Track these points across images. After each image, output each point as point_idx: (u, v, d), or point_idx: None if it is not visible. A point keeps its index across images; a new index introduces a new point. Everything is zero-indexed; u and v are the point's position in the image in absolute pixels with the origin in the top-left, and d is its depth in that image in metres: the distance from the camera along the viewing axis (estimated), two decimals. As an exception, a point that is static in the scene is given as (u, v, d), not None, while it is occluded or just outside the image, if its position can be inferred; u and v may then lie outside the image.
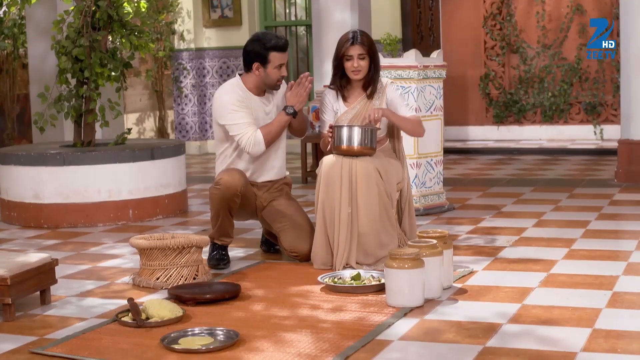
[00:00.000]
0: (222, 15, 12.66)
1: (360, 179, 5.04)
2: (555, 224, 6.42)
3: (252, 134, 5.26)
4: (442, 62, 7.20)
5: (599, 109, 12.38)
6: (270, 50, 5.30)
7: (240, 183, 5.26)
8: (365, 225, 5.04)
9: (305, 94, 5.36)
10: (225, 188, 5.23)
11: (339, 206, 5.06)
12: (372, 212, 5.04)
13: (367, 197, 5.03)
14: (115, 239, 6.42)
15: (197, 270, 4.96)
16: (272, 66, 5.32)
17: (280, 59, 5.32)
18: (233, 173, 5.30)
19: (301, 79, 5.34)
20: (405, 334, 3.90)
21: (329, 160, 5.15)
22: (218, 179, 5.29)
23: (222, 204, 5.27)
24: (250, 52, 5.36)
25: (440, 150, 7.23)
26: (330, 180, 5.08)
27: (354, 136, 5.11)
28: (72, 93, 7.44)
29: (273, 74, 5.34)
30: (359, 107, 5.37)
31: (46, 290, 4.61)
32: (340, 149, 5.14)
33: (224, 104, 5.32)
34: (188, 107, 12.87)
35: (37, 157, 7.06)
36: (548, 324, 3.97)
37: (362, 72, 5.31)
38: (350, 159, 5.10)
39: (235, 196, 5.25)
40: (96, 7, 7.29)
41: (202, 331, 3.95)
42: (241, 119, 5.28)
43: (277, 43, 5.31)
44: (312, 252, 5.22)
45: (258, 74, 5.35)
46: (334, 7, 9.53)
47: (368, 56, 5.30)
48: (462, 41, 12.94)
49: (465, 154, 11.73)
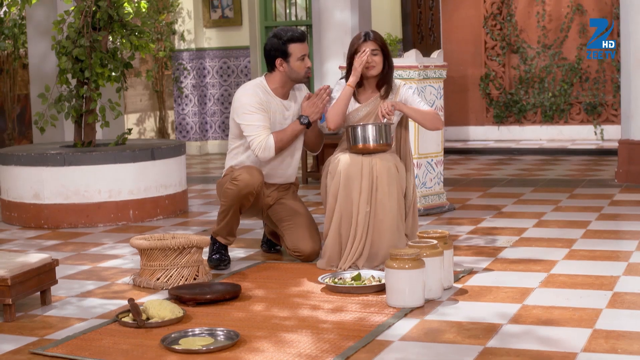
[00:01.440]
0: (222, 15, 12.67)
1: (381, 176, 5.04)
2: (555, 224, 6.42)
3: (264, 138, 5.24)
4: (443, 62, 7.20)
5: (599, 109, 12.38)
6: (288, 42, 5.30)
7: (258, 181, 5.23)
8: (383, 222, 5.04)
9: (322, 105, 5.31)
10: (243, 185, 5.20)
11: (357, 204, 5.06)
12: (391, 208, 5.05)
13: (387, 194, 5.04)
14: (115, 240, 6.42)
15: (197, 271, 4.96)
16: (294, 58, 5.30)
17: (301, 50, 5.31)
18: (252, 171, 5.26)
19: (320, 91, 5.33)
20: (406, 335, 3.90)
21: (347, 158, 5.12)
22: (237, 175, 5.23)
23: (235, 201, 5.24)
24: (270, 49, 5.35)
25: (440, 151, 7.23)
26: (350, 178, 5.07)
27: (368, 134, 5.11)
28: (72, 93, 7.44)
29: (297, 66, 5.31)
30: (371, 105, 5.33)
31: (46, 290, 4.62)
32: (356, 149, 5.14)
33: (243, 103, 5.30)
34: (188, 107, 12.87)
35: (37, 158, 7.06)
36: (548, 325, 3.97)
37: (377, 68, 5.26)
38: (370, 157, 5.10)
39: (250, 194, 5.23)
40: (97, 8, 7.30)
41: (203, 331, 3.95)
42: (257, 121, 5.26)
43: (294, 34, 5.31)
44: (323, 250, 5.21)
45: (283, 69, 5.33)
46: (334, 7, 9.54)
47: (382, 53, 5.28)
48: (462, 41, 12.95)
49: (466, 154, 11.73)
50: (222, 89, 12.76)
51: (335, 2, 9.54)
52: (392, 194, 5.06)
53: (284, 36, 5.31)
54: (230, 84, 12.72)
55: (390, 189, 5.05)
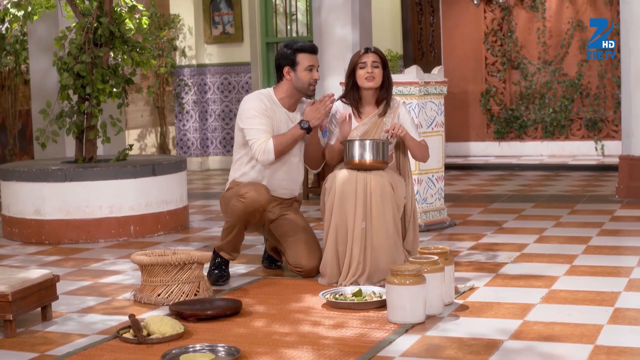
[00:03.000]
0: (223, 31, 12.70)
1: (375, 193, 5.04)
2: (556, 240, 6.42)
3: (264, 141, 5.25)
4: (443, 79, 7.21)
5: (600, 125, 12.40)
6: (297, 51, 5.33)
7: (266, 199, 5.24)
8: (378, 239, 5.04)
9: (324, 111, 5.30)
10: (250, 201, 5.20)
11: (352, 221, 5.06)
12: (386, 226, 5.04)
13: (381, 212, 5.03)
14: (116, 255, 6.42)
15: (198, 287, 4.96)
16: (301, 68, 5.32)
17: (309, 60, 5.34)
18: (259, 188, 5.26)
19: (324, 97, 5.34)
20: (407, 351, 3.90)
21: (343, 174, 5.13)
22: (244, 192, 5.22)
23: (242, 218, 5.24)
24: (280, 57, 5.39)
25: (441, 167, 7.24)
26: (344, 195, 5.07)
27: (365, 150, 5.11)
28: (73, 109, 7.45)
29: (304, 76, 5.33)
30: (370, 123, 5.34)
31: (47, 306, 4.61)
32: (352, 164, 5.14)
33: (247, 108, 5.33)
34: (189, 123, 12.88)
35: (38, 173, 7.07)
36: (549, 340, 3.96)
37: (376, 80, 5.27)
38: (365, 174, 5.10)
39: (257, 212, 5.23)
40: (98, 24, 7.32)
41: (204, 347, 3.95)
42: (258, 125, 5.28)
43: (303, 45, 5.36)
44: (321, 267, 5.21)
45: (290, 78, 5.35)
46: (335, 23, 9.56)
47: (382, 66, 5.29)
48: (463, 57, 12.98)
49: (467, 170, 11.74)
50: (223, 104, 12.78)
51: (336, 18, 9.56)
52: (387, 211, 5.05)
53: (294, 45, 5.36)
54: (231, 100, 12.74)
55: (385, 207, 5.04)
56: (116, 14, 7.49)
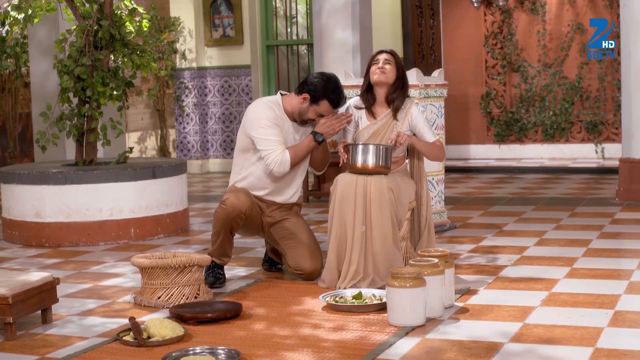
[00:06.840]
0: (223, 34, 12.70)
1: (373, 198, 5.04)
2: (556, 242, 6.42)
3: (280, 153, 5.25)
4: (444, 81, 7.22)
5: (600, 128, 12.40)
6: (326, 97, 5.30)
7: (246, 205, 5.26)
8: (377, 244, 5.04)
9: (338, 128, 5.32)
10: (231, 208, 5.24)
11: (352, 225, 5.06)
12: (383, 231, 5.04)
13: (379, 217, 5.03)
14: (116, 258, 6.42)
15: (198, 289, 4.96)
16: (315, 109, 5.33)
17: (327, 110, 5.33)
18: (239, 194, 5.29)
19: (342, 115, 5.35)
20: (407, 353, 3.90)
21: (344, 178, 5.15)
22: (224, 199, 5.29)
23: (225, 224, 5.28)
24: (312, 83, 5.34)
25: (441, 169, 7.24)
26: (344, 198, 5.08)
27: (368, 155, 5.12)
28: (74, 112, 7.45)
29: (311, 115, 5.35)
30: (380, 123, 5.35)
31: (47, 309, 4.61)
32: (354, 168, 5.15)
33: (260, 117, 5.31)
34: (190, 126, 12.89)
35: (38, 176, 7.07)
36: (550, 343, 3.96)
37: (387, 75, 5.29)
38: (365, 178, 5.10)
39: (239, 218, 5.26)
40: (98, 27, 7.32)
41: (204, 350, 3.95)
42: (272, 135, 5.28)
43: (336, 97, 5.31)
44: (324, 271, 5.21)
45: (301, 102, 5.35)
46: (336, 26, 9.56)
47: (395, 65, 5.31)
48: (463, 60, 12.98)
49: (467, 173, 11.74)
50: (224, 107, 12.78)
51: (337, 21, 9.56)
52: (385, 216, 5.04)
53: (328, 88, 5.30)
54: (231, 103, 12.75)
55: (383, 212, 5.04)
56: (116, 17, 7.50)
